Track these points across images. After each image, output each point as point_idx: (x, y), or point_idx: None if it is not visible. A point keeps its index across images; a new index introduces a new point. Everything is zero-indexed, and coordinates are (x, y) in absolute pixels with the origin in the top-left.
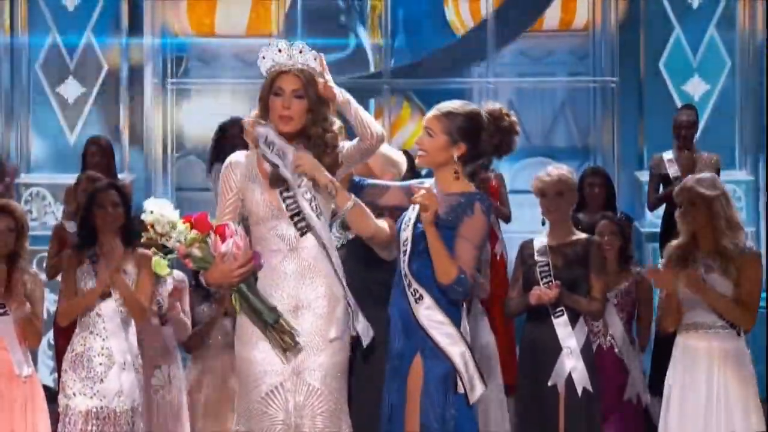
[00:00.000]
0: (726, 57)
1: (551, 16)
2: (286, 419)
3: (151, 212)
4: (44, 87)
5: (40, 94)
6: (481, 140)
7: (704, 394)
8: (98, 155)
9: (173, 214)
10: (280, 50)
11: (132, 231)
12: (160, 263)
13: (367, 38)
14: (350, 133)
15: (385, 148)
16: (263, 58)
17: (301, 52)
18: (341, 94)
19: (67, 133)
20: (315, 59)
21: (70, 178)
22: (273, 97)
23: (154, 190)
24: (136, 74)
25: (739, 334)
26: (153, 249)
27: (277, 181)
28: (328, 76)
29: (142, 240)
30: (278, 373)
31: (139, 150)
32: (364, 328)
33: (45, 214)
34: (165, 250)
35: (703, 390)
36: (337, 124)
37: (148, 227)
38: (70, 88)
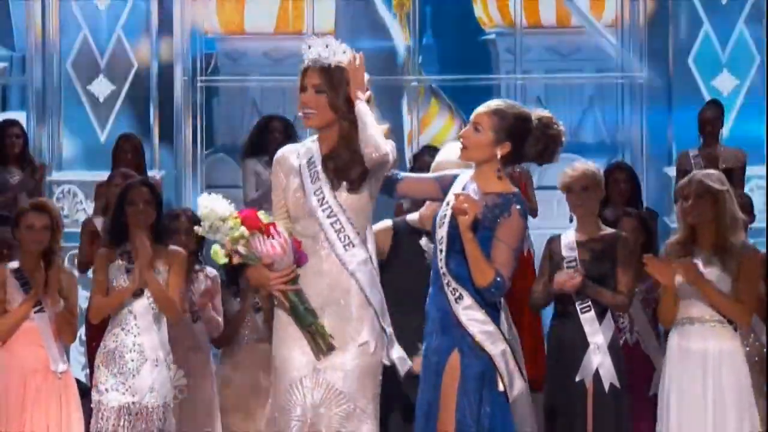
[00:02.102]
0: (755, 52)
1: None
2: (302, 415)
3: (205, 207)
4: (75, 85)
5: (71, 93)
6: (527, 144)
7: (700, 400)
8: (129, 153)
9: (225, 209)
10: (309, 47)
11: (163, 228)
12: (218, 253)
13: (395, 35)
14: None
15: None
16: (303, 59)
17: (327, 46)
18: (360, 104)
19: (97, 130)
20: (344, 53)
21: (101, 176)
22: (300, 94)
23: (183, 188)
24: (165, 72)
25: (735, 330)
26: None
27: None
28: (358, 77)
29: (195, 233)
30: (298, 369)
31: (169, 147)
32: (401, 359)
33: (76, 211)
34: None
35: (699, 395)
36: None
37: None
38: (101, 87)
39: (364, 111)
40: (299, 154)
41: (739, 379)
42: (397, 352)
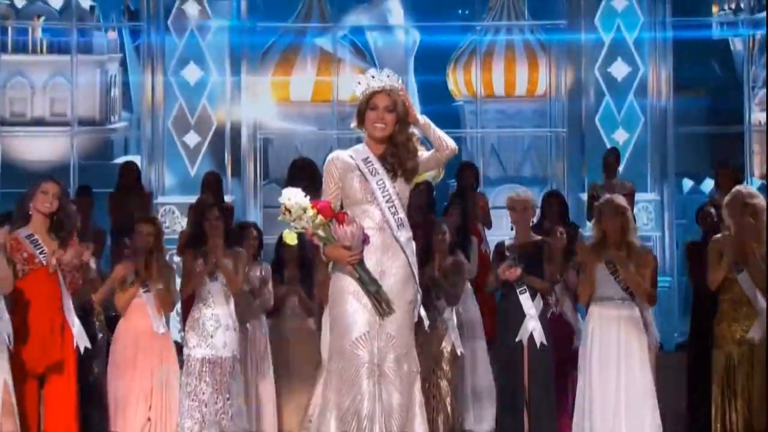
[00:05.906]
0: (641, 115)
1: (521, 86)
2: (371, 359)
3: (288, 199)
4: (174, 137)
5: (171, 142)
6: None
7: (614, 353)
8: (210, 184)
9: (304, 201)
10: (373, 76)
11: (233, 235)
12: (290, 235)
13: None
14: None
15: None
16: (359, 84)
17: (388, 76)
18: (423, 119)
19: (189, 168)
20: (398, 81)
21: (191, 199)
22: (369, 112)
23: (248, 208)
24: (235, 128)
25: (636, 305)
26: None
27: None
28: (410, 102)
29: (279, 219)
30: (365, 323)
31: (238, 180)
32: (425, 315)
33: (175, 224)
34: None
35: (614, 349)
36: (417, 134)
37: (284, 211)
38: (192, 138)
39: (429, 121)
40: (351, 156)
41: (639, 336)
42: (422, 311)
